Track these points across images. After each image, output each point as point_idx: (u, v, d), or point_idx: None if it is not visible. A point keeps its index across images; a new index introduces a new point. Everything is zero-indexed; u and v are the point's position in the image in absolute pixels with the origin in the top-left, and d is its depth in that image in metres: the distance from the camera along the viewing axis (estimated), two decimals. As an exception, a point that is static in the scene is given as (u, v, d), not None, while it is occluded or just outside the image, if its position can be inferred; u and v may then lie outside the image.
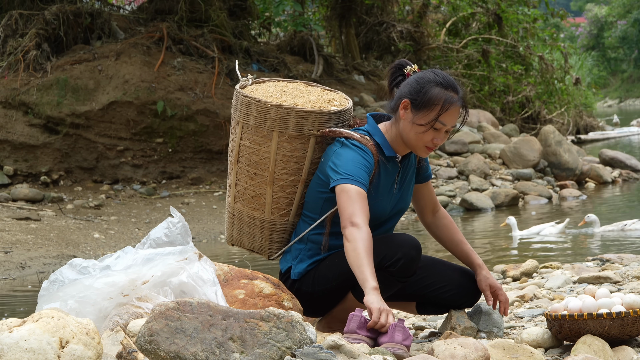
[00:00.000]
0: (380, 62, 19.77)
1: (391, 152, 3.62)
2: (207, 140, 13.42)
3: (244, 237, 3.87)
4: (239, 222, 3.84)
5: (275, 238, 3.81)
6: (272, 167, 3.67)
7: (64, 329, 2.79)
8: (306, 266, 3.71)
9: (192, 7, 14.33)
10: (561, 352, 3.58)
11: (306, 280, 3.71)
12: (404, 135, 3.58)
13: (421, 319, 4.54)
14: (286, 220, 3.76)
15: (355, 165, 3.50)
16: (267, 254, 3.88)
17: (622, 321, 3.45)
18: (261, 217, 3.76)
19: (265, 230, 3.79)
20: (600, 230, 9.23)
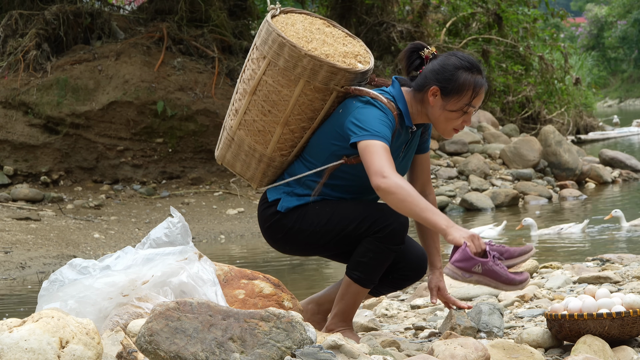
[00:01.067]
0: (381, 62, 19.77)
1: (410, 123, 3.65)
2: (207, 140, 13.42)
3: (238, 162, 3.84)
4: (237, 148, 3.81)
5: (269, 173, 3.80)
6: (289, 110, 3.65)
7: (64, 329, 2.79)
8: (295, 204, 3.71)
9: (192, 7, 14.32)
10: (561, 352, 3.58)
11: (291, 215, 3.72)
12: (433, 119, 3.63)
13: (421, 319, 4.54)
14: (285, 159, 3.76)
15: (381, 123, 3.51)
16: (256, 185, 3.85)
17: (622, 321, 3.45)
18: (262, 151, 3.74)
19: (262, 164, 3.77)
20: (537, 234, 9.37)
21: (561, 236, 9.25)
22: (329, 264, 9.01)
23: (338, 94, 3.64)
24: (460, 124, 3.62)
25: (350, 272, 3.68)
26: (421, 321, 4.45)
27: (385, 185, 3.38)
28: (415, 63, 3.70)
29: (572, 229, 9.33)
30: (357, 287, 3.69)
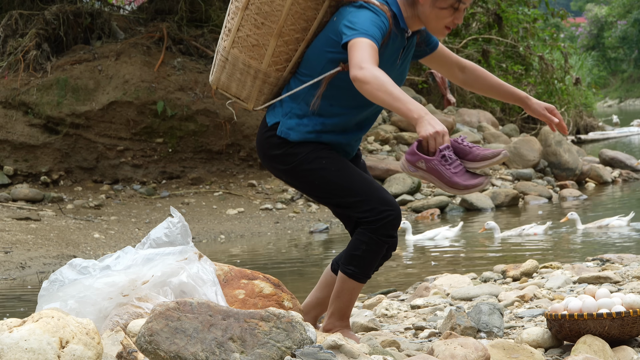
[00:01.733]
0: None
1: (405, 26, 3.64)
2: (207, 140, 13.42)
3: (233, 83, 3.77)
4: (232, 67, 3.75)
5: (265, 90, 3.74)
6: (282, 20, 3.62)
7: (64, 329, 2.79)
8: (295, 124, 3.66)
9: (192, 7, 14.32)
10: (561, 352, 3.58)
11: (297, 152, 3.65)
12: (424, 18, 3.62)
13: (421, 319, 4.54)
14: (280, 75, 3.71)
15: (372, 24, 3.49)
16: (252, 104, 3.78)
17: (622, 321, 3.45)
18: (257, 66, 3.69)
19: (257, 80, 3.71)
20: (499, 236, 9.48)
21: (522, 237, 9.36)
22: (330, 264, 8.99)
23: (331, 2, 3.62)
24: (451, 22, 3.61)
25: (345, 267, 3.67)
26: (421, 321, 4.45)
27: (361, 75, 3.35)
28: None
29: (535, 230, 9.45)
30: (353, 282, 3.68)
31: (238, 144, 13.54)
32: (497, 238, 9.45)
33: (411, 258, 8.82)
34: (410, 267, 8.28)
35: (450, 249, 9.19)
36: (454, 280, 5.64)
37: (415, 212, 12.22)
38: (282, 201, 12.65)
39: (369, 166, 13.10)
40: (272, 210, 12.33)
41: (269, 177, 13.45)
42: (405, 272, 7.95)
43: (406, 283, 6.83)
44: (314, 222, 11.72)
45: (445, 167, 3.37)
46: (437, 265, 8.05)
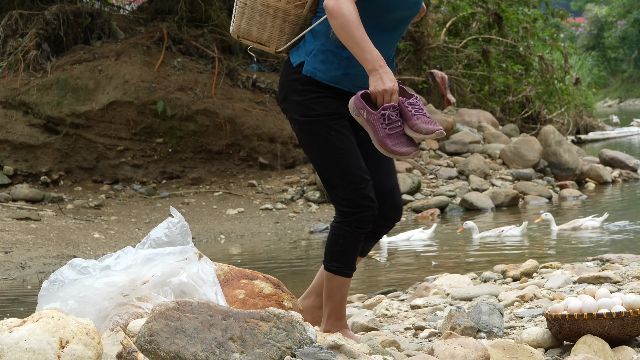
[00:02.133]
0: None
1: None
2: (207, 140, 13.42)
3: (253, 27, 3.71)
4: (251, 11, 3.69)
5: (286, 29, 3.68)
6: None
7: (64, 329, 2.79)
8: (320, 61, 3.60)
9: (192, 7, 14.32)
10: (561, 352, 3.58)
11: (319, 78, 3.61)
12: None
13: (421, 319, 4.54)
14: (300, 12, 3.66)
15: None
16: (275, 46, 3.71)
17: (622, 321, 3.45)
18: (275, 4, 3.65)
19: (277, 19, 3.67)
20: (478, 237, 9.51)
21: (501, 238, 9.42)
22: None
23: None
24: None
25: (329, 265, 3.67)
26: (421, 321, 4.45)
27: (331, 8, 3.36)
28: None
29: (513, 232, 9.49)
30: (339, 279, 3.68)
31: (238, 144, 13.54)
32: (476, 239, 9.49)
33: (411, 258, 8.83)
34: (410, 267, 8.28)
35: (435, 250, 9.20)
36: (454, 280, 5.64)
37: (415, 212, 12.22)
38: (282, 201, 12.65)
39: (369, 166, 13.09)
40: (272, 210, 12.33)
41: (269, 177, 13.45)
42: (405, 272, 7.95)
43: (406, 283, 6.83)
44: (314, 222, 11.72)
45: (382, 125, 3.35)
46: (437, 265, 8.06)
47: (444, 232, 10.16)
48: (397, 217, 3.77)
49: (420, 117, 3.37)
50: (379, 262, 8.74)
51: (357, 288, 7.09)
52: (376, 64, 3.31)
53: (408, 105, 3.37)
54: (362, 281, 7.70)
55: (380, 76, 3.31)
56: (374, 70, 3.31)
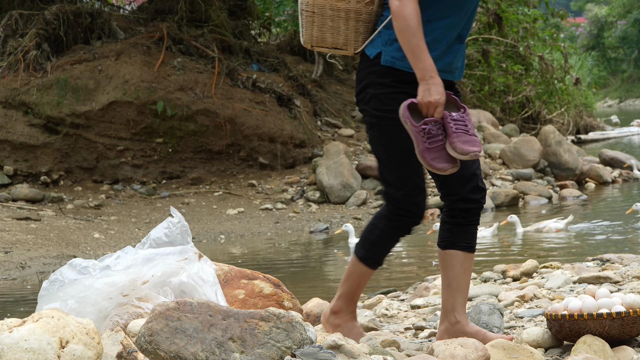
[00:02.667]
0: (380, 62, 19.74)
1: None
2: (207, 140, 13.42)
3: (327, 33, 3.69)
4: (321, 17, 3.68)
5: (361, 29, 3.66)
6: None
7: (64, 329, 2.79)
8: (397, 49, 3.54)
9: (192, 7, 14.32)
10: (561, 352, 3.58)
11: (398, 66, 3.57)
12: None
13: (421, 319, 4.54)
14: (371, 9, 3.65)
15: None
16: (352, 48, 3.68)
17: (622, 321, 3.45)
18: (346, 6, 3.63)
19: (350, 20, 3.65)
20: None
21: None
22: (330, 264, 9.01)
23: None
24: None
25: (358, 249, 3.67)
26: (421, 321, 4.45)
27: (394, 9, 3.38)
28: None
29: (483, 233, 9.55)
30: (362, 266, 3.66)
31: (238, 144, 13.54)
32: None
33: (411, 258, 8.83)
34: (410, 267, 8.28)
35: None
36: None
37: (415, 212, 12.20)
38: (282, 201, 12.65)
39: (368, 166, 13.11)
40: (272, 210, 12.34)
41: (269, 177, 13.45)
42: (405, 272, 7.95)
43: (406, 283, 6.84)
44: (314, 222, 11.73)
45: (422, 139, 3.34)
46: (438, 265, 8.05)
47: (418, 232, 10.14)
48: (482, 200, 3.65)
49: (460, 135, 3.34)
50: None
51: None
52: (427, 73, 3.31)
53: (451, 121, 3.35)
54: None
55: (429, 87, 3.30)
56: (424, 80, 3.31)
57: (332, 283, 7.78)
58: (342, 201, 12.65)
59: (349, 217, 11.99)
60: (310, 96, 15.03)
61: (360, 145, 14.34)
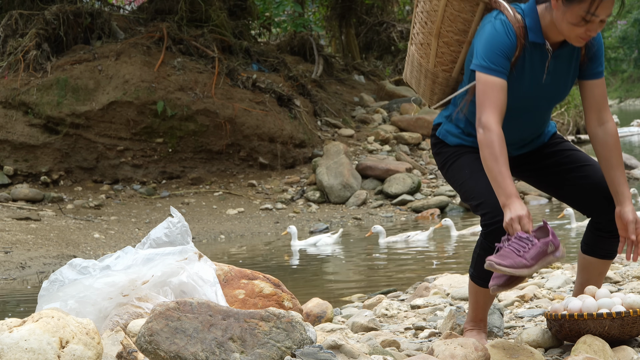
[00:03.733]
0: (380, 62, 19.75)
1: (537, 38, 3.49)
2: (207, 140, 13.42)
3: (413, 79, 3.84)
4: (411, 64, 3.81)
5: (436, 90, 3.75)
6: (439, 21, 3.61)
7: (64, 329, 2.79)
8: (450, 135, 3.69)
9: (192, 7, 14.32)
10: (561, 352, 3.58)
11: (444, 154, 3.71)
12: (557, 25, 3.43)
13: (421, 319, 4.54)
14: (449, 75, 3.70)
15: (493, 50, 3.42)
16: (428, 102, 3.84)
17: (622, 321, 3.44)
18: (425, 65, 3.71)
19: (427, 79, 3.74)
20: (384, 241, 9.61)
21: (408, 243, 9.53)
22: (330, 264, 9.01)
23: (486, 5, 3.54)
24: (584, 33, 3.37)
25: (470, 268, 3.66)
26: (421, 321, 4.44)
27: (479, 138, 3.39)
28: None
29: (419, 237, 9.64)
30: (473, 285, 3.64)
31: (238, 144, 13.54)
32: (382, 243, 9.57)
33: (411, 258, 8.83)
34: (410, 267, 8.28)
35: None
36: (454, 280, 5.64)
37: (415, 212, 12.22)
38: (282, 201, 12.65)
39: (368, 166, 13.10)
40: (272, 210, 12.33)
41: (269, 177, 13.45)
42: (405, 272, 7.95)
43: (406, 283, 6.83)
44: (314, 222, 11.73)
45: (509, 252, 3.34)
46: (438, 265, 8.05)
47: (351, 236, 10.16)
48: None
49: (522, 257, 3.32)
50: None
51: (357, 288, 7.09)
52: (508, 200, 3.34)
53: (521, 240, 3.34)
54: (362, 281, 7.70)
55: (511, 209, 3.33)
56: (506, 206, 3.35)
57: (333, 285, 7.78)
58: (342, 201, 12.65)
59: (349, 217, 11.99)
60: (310, 96, 15.03)
61: (360, 145, 14.35)
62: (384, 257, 8.95)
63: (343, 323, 4.62)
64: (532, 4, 3.51)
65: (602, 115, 3.61)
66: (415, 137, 14.68)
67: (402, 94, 16.70)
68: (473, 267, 3.60)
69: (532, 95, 3.55)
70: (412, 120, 15.02)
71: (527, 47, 3.48)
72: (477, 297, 3.66)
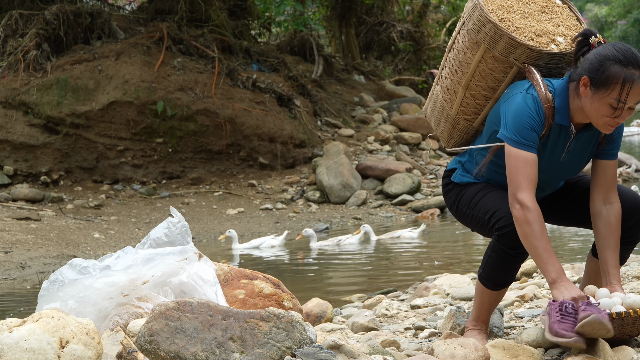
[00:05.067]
0: (380, 62, 19.75)
1: (564, 121, 3.50)
2: (207, 140, 13.42)
3: (433, 118, 3.88)
4: (434, 103, 3.84)
5: (454, 135, 3.79)
6: (470, 74, 3.63)
7: (64, 329, 2.79)
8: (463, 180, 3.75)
9: (192, 7, 14.32)
10: (561, 352, 3.58)
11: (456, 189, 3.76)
12: (585, 110, 3.45)
13: (421, 319, 4.54)
14: (469, 125, 3.73)
15: (523, 125, 3.44)
16: (444, 144, 3.88)
17: (622, 321, 3.44)
18: (448, 110, 3.74)
19: (447, 123, 3.77)
20: (317, 245, 9.64)
21: (340, 247, 9.59)
22: (330, 265, 9.01)
23: (520, 70, 3.56)
24: (612, 120, 3.41)
25: (479, 269, 3.66)
26: (421, 321, 4.44)
27: (516, 215, 3.37)
28: (583, 50, 3.54)
29: (350, 240, 9.67)
30: (480, 285, 3.64)
31: (238, 144, 13.54)
32: (314, 247, 9.59)
33: (411, 258, 8.83)
34: (410, 267, 8.28)
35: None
36: (454, 280, 5.64)
37: (415, 212, 12.23)
38: (282, 201, 12.65)
39: (368, 166, 13.10)
40: (272, 210, 12.33)
41: (269, 177, 13.45)
42: (405, 272, 7.95)
43: (406, 283, 6.84)
44: (314, 222, 11.73)
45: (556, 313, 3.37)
46: (439, 265, 8.05)
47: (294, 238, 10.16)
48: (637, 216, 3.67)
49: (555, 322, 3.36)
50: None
51: (357, 288, 7.09)
52: (558, 277, 3.36)
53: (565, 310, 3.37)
54: (362, 281, 7.70)
55: (565, 288, 3.36)
56: (556, 283, 3.36)
57: (333, 285, 7.78)
58: (342, 201, 12.65)
59: (349, 217, 12.00)
60: (310, 96, 15.03)
61: (360, 145, 14.35)
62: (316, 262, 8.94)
63: (343, 323, 4.62)
64: (564, 84, 3.52)
65: (610, 195, 3.63)
66: (415, 137, 14.68)
67: (402, 94, 16.70)
68: (483, 269, 3.60)
69: (548, 169, 3.58)
70: (412, 120, 15.02)
71: (554, 127, 3.51)
72: (482, 298, 3.67)
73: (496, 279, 3.56)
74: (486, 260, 3.57)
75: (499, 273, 3.55)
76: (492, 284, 3.59)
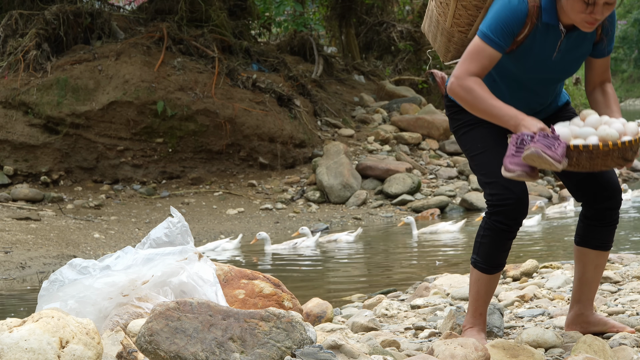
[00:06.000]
0: (380, 62, 19.76)
1: (551, 20, 3.50)
2: (207, 140, 13.42)
3: (430, 33, 3.88)
4: (429, 18, 3.85)
5: (451, 48, 3.80)
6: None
7: (64, 329, 2.79)
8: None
9: (192, 7, 14.32)
10: (561, 352, 3.58)
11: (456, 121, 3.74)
12: (565, 9, 3.47)
13: (421, 319, 4.54)
14: (464, 37, 3.73)
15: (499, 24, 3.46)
16: (442, 58, 3.89)
17: (590, 154, 3.34)
18: (442, 23, 3.74)
19: (443, 37, 3.78)
20: (271, 249, 9.69)
21: (296, 250, 9.63)
22: (330, 264, 9.01)
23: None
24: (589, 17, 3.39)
25: (472, 256, 3.65)
26: (421, 321, 4.44)
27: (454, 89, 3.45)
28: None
29: (306, 243, 9.74)
30: (476, 272, 3.63)
31: (238, 144, 13.54)
32: (268, 250, 9.62)
33: (411, 258, 8.83)
34: (410, 267, 8.28)
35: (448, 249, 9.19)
36: (454, 280, 5.64)
37: (415, 212, 12.23)
38: (282, 201, 12.65)
39: (368, 166, 13.11)
40: (272, 210, 12.33)
41: (269, 177, 13.45)
42: (405, 272, 7.95)
43: (406, 283, 6.84)
44: (314, 222, 11.72)
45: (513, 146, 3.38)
46: (439, 265, 8.05)
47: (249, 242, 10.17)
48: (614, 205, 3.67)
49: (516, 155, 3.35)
50: None
51: (357, 288, 7.09)
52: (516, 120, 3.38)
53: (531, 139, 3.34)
54: (362, 281, 7.70)
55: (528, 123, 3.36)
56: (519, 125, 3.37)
57: (332, 284, 7.78)
58: (342, 201, 12.65)
59: (349, 217, 11.99)
60: (310, 96, 15.04)
61: (360, 145, 14.35)
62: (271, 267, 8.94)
63: (343, 323, 4.62)
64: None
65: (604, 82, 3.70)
66: (415, 137, 14.68)
67: (402, 94, 16.70)
68: (476, 254, 3.62)
69: (540, 69, 3.58)
70: (412, 120, 15.02)
71: (539, 27, 3.51)
72: (479, 286, 3.66)
73: (491, 259, 3.59)
74: (479, 242, 3.59)
75: (493, 253, 3.58)
76: (487, 266, 3.60)
